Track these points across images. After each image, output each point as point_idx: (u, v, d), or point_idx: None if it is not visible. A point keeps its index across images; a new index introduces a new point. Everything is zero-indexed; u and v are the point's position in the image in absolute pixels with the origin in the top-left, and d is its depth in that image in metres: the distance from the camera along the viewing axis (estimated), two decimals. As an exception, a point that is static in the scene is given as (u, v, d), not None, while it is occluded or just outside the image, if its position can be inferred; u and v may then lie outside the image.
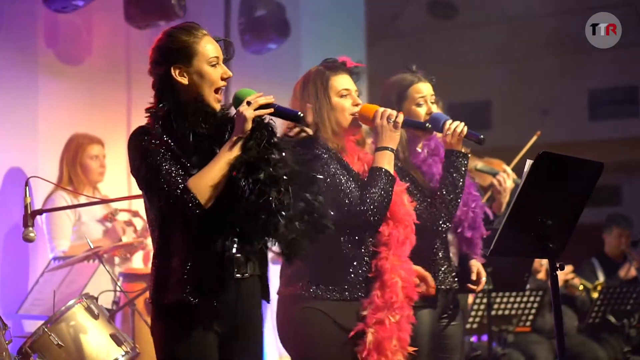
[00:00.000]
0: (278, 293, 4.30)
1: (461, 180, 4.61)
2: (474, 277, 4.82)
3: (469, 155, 4.70)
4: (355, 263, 4.21)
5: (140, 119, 3.84)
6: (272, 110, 3.67)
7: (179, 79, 3.75)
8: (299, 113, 3.73)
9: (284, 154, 3.68)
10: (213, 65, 3.77)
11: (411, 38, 13.87)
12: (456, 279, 4.74)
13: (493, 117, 15.27)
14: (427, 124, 4.52)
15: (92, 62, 7.39)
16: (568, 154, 4.26)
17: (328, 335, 4.17)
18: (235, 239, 3.64)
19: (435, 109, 4.80)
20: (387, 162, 4.26)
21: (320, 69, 4.40)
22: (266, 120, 3.67)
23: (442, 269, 4.67)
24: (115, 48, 7.57)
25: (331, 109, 4.31)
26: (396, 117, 4.30)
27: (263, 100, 3.65)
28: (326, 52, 4.48)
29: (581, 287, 8.65)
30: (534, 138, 6.13)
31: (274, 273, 4.33)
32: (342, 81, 4.37)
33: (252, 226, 3.61)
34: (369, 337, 4.18)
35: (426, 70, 4.92)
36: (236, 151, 3.60)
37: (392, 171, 4.25)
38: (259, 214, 3.57)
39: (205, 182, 3.58)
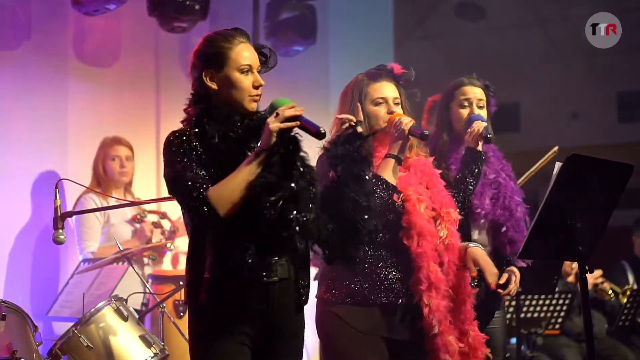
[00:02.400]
0: (316, 297, 4.34)
1: (471, 178, 4.63)
2: (502, 280, 4.80)
3: (485, 154, 4.70)
4: (369, 268, 4.22)
5: (169, 123, 3.86)
6: (297, 123, 3.65)
7: (209, 84, 3.77)
8: (321, 129, 3.70)
9: (307, 168, 3.69)
10: (244, 72, 3.77)
11: (439, 40, 13.84)
12: (478, 279, 4.70)
13: (521, 120, 15.21)
14: (425, 132, 4.48)
15: (121, 66, 7.41)
16: (597, 157, 4.24)
17: (342, 336, 4.19)
18: (252, 251, 3.64)
19: (482, 113, 4.84)
20: (387, 170, 4.28)
21: (360, 77, 4.44)
22: (292, 134, 3.66)
23: None
24: (144, 52, 7.59)
25: (365, 116, 4.35)
26: (404, 124, 4.31)
27: (289, 113, 3.62)
28: (354, 54, 4.51)
29: (610, 292, 8.60)
30: (550, 155, 6.07)
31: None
32: (380, 89, 4.39)
33: (271, 241, 3.64)
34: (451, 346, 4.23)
35: (455, 73, 4.94)
36: (258, 166, 3.60)
37: (390, 179, 4.27)
38: (279, 231, 3.59)
39: (224, 194, 3.59)
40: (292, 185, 3.59)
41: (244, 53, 3.78)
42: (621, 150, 13.10)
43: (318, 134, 3.70)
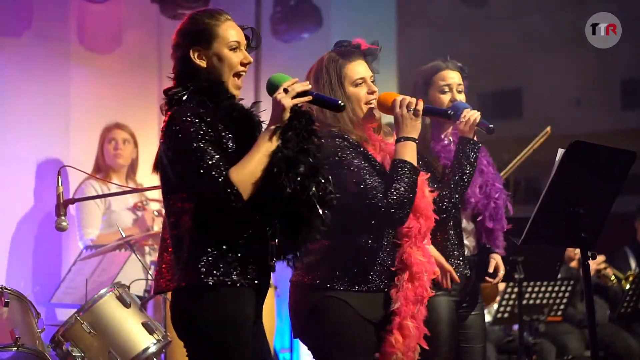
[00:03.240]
0: (292, 281, 4.24)
1: (469, 168, 4.57)
2: (490, 269, 4.80)
3: (480, 145, 4.67)
4: (378, 256, 4.14)
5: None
6: (310, 98, 3.61)
7: (198, 61, 3.71)
8: (340, 102, 3.68)
9: (322, 141, 3.65)
10: (233, 50, 3.72)
11: (442, 26, 13.82)
12: (468, 267, 4.70)
13: (524, 106, 15.20)
14: (450, 111, 4.46)
15: (123, 52, 7.41)
16: (600, 143, 4.23)
17: (352, 325, 4.09)
18: (276, 230, 3.58)
19: (460, 98, 4.78)
20: (409, 153, 4.13)
21: (333, 56, 4.26)
22: (304, 108, 3.62)
23: (454, 253, 4.65)
24: (146, 37, 7.59)
25: (347, 99, 4.17)
26: (416, 104, 4.18)
27: (300, 88, 3.58)
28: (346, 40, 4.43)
29: (613, 278, 8.60)
30: (543, 135, 6.04)
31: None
32: (356, 69, 4.23)
33: (293, 220, 3.57)
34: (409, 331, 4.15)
35: (457, 59, 4.90)
36: (275, 142, 3.53)
37: (415, 163, 4.13)
38: (300, 209, 3.54)
39: (247, 174, 3.50)
40: (310, 159, 3.55)
41: (232, 30, 3.74)
42: (625, 136, 13.09)
43: (337, 107, 3.67)
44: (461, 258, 4.67)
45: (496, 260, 4.83)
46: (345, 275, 4.10)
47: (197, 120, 3.56)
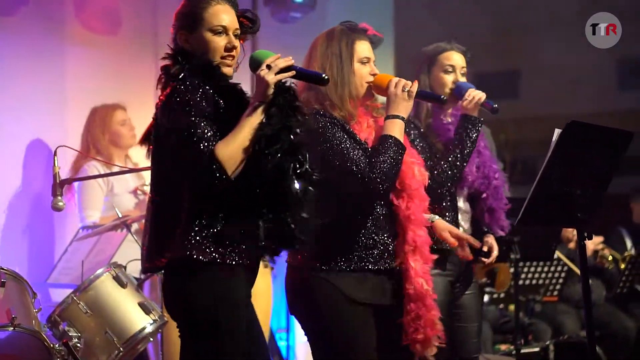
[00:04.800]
0: (287, 262, 4.27)
1: (469, 144, 4.63)
2: (485, 248, 4.82)
3: (482, 122, 4.69)
4: (363, 233, 4.15)
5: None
6: (293, 73, 3.61)
7: (183, 44, 3.74)
8: (324, 75, 3.69)
9: (306, 117, 3.67)
10: (217, 34, 3.72)
11: (439, 7, 13.80)
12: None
13: (521, 87, 15.20)
14: (443, 97, 4.48)
15: (119, 31, 7.38)
16: (597, 123, 4.24)
17: (335, 304, 4.11)
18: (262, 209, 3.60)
19: (464, 80, 4.82)
20: (397, 130, 4.15)
21: (345, 30, 4.31)
22: (287, 84, 3.63)
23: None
24: (142, 16, 7.56)
25: (352, 73, 4.23)
26: (411, 86, 4.21)
27: (283, 63, 3.58)
28: (353, 19, 4.43)
29: (611, 259, 8.62)
30: None
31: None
32: (364, 47, 4.28)
33: (274, 197, 3.58)
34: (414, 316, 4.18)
35: (455, 39, 4.93)
36: (258, 118, 3.55)
37: (402, 140, 4.16)
38: (277, 184, 3.55)
39: (231, 150, 3.51)
40: (291, 137, 3.56)
41: (220, 14, 3.73)
42: (621, 117, 13.09)
43: (321, 80, 3.68)
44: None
45: (490, 240, 4.86)
46: (332, 255, 4.13)
47: (196, 95, 3.57)
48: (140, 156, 6.73)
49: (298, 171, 3.57)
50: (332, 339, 4.13)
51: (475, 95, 4.66)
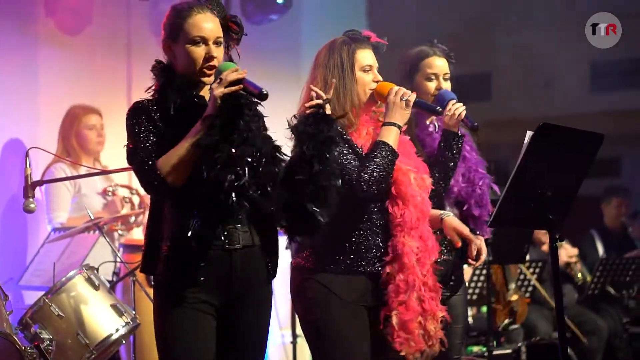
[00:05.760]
0: (291, 263, 4.35)
1: (452, 161, 4.62)
2: (472, 253, 4.84)
3: (464, 137, 4.70)
4: (356, 236, 4.21)
5: (141, 89, 3.86)
6: (240, 87, 3.63)
7: (167, 54, 3.81)
8: (263, 90, 3.69)
9: (252, 128, 3.69)
10: (196, 44, 3.75)
11: (411, 8, 13.81)
12: (447, 250, 4.73)
13: (493, 89, 15.23)
14: (439, 108, 4.49)
15: (92, 32, 7.35)
16: (569, 126, 4.25)
17: (326, 305, 4.18)
18: (196, 220, 3.67)
19: (446, 86, 4.81)
20: (392, 137, 4.22)
21: (347, 39, 4.37)
22: (235, 96, 3.65)
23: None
24: (115, 18, 7.54)
25: (355, 82, 4.29)
26: (409, 96, 4.28)
27: (232, 77, 3.61)
28: (326, 23, 4.45)
29: (580, 275, 8.67)
30: None
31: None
32: (366, 56, 4.35)
33: (210, 207, 3.65)
34: (394, 319, 4.20)
35: (427, 36, 4.92)
36: (202, 131, 3.60)
37: (395, 147, 4.21)
38: (217, 196, 3.61)
39: (171, 161, 3.60)
40: (233, 150, 3.59)
41: (199, 24, 3.76)
42: (593, 119, 13.15)
43: (260, 95, 3.70)
44: (445, 243, 4.68)
45: (478, 243, 4.87)
46: (325, 257, 4.20)
47: (147, 109, 3.72)
48: (109, 158, 6.72)
49: (235, 184, 3.60)
50: (325, 338, 4.19)
51: (456, 110, 4.61)
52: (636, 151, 15.60)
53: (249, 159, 3.64)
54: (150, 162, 3.62)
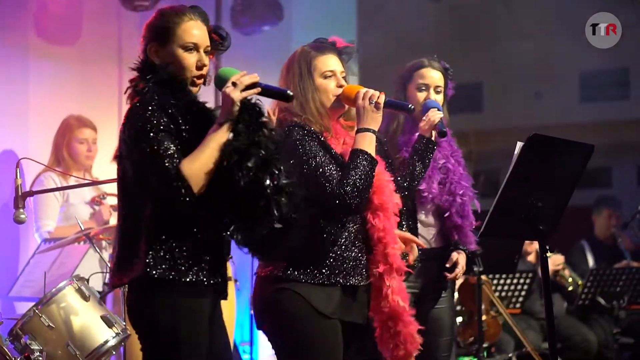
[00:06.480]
0: (256, 273, 4.24)
1: (420, 166, 4.63)
2: (448, 264, 4.83)
3: (436, 145, 4.70)
4: (335, 247, 4.13)
5: (131, 102, 3.81)
6: (259, 89, 3.60)
7: (153, 57, 3.70)
8: (288, 92, 3.69)
9: (273, 132, 3.65)
10: (188, 50, 3.70)
11: (401, 22, 13.83)
12: (423, 259, 4.68)
13: (484, 99, 15.26)
14: (410, 105, 4.45)
15: (82, 44, 7.36)
16: (559, 136, 4.26)
17: (303, 317, 4.08)
18: (232, 223, 3.59)
19: (437, 99, 4.83)
20: (367, 143, 4.13)
21: (306, 48, 4.31)
22: (253, 101, 3.61)
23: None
24: (106, 29, 7.55)
25: (315, 89, 4.21)
26: (378, 97, 4.18)
27: (249, 80, 3.56)
28: (317, 35, 4.45)
29: (570, 280, 8.67)
30: None
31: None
32: (327, 62, 4.27)
33: (249, 212, 3.55)
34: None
35: (419, 53, 4.94)
36: (225, 135, 3.53)
37: (373, 153, 4.13)
38: (256, 201, 3.53)
39: (198, 167, 3.49)
40: (262, 151, 3.54)
41: (192, 30, 3.71)
42: (583, 129, 13.19)
43: (285, 96, 3.68)
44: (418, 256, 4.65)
45: (456, 256, 4.86)
46: (301, 267, 4.10)
47: (157, 112, 3.56)
48: (99, 169, 6.72)
49: (274, 184, 3.54)
50: (300, 352, 4.10)
51: (432, 117, 4.66)
52: (627, 162, 15.65)
53: (279, 160, 3.59)
54: (175, 168, 3.48)
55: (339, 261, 4.13)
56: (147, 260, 3.57)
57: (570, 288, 8.64)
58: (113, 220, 6.50)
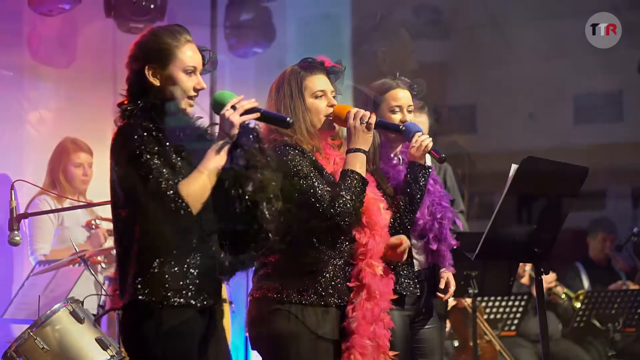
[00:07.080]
0: (250, 295, 4.26)
1: (419, 193, 4.59)
2: (441, 285, 4.82)
3: (430, 169, 4.70)
4: (328, 267, 4.15)
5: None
6: (258, 114, 3.62)
7: (151, 79, 3.67)
8: (288, 119, 3.70)
9: (269, 158, 3.66)
10: (188, 74, 3.70)
11: (394, 38, 13.85)
12: (418, 285, 4.69)
13: (478, 121, 15.28)
14: (402, 126, 4.47)
15: (78, 66, 7.37)
16: (553, 159, 4.27)
17: (298, 338, 4.10)
18: (225, 245, 3.61)
19: (410, 118, 4.79)
20: (358, 164, 4.18)
21: (296, 68, 4.33)
22: (251, 125, 3.62)
23: (403, 273, 4.62)
24: (101, 51, 7.56)
25: (306, 109, 4.24)
26: (369, 118, 4.22)
27: (248, 105, 3.58)
28: (311, 56, 4.45)
29: (564, 296, 8.67)
30: None
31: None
32: (317, 82, 4.29)
33: (243, 235, 3.58)
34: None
35: (411, 74, 4.92)
36: (223, 159, 3.55)
37: (364, 173, 4.18)
38: (251, 224, 3.55)
39: (196, 189, 3.50)
40: (259, 175, 3.55)
41: (191, 53, 3.71)
42: (577, 152, 13.20)
43: (286, 123, 3.69)
44: (411, 277, 4.65)
45: (447, 276, 4.85)
46: (295, 287, 4.12)
47: (144, 135, 3.55)
48: (94, 192, 6.71)
49: (272, 208, 3.56)
50: None
51: (423, 142, 4.59)
52: (621, 184, 15.66)
53: (275, 185, 3.60)
54: (173, 189, 3.48)
55: (332, 281, 4.16)
56: (136, 284, 3.58)
57: (565, 303, 8.63)
58: (108, 243, 6.50)
